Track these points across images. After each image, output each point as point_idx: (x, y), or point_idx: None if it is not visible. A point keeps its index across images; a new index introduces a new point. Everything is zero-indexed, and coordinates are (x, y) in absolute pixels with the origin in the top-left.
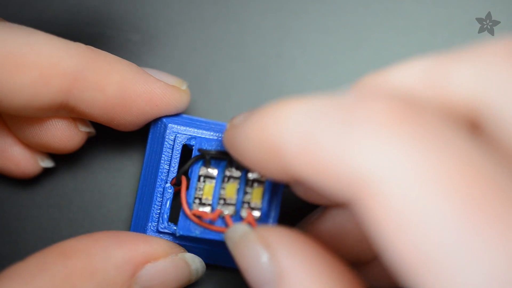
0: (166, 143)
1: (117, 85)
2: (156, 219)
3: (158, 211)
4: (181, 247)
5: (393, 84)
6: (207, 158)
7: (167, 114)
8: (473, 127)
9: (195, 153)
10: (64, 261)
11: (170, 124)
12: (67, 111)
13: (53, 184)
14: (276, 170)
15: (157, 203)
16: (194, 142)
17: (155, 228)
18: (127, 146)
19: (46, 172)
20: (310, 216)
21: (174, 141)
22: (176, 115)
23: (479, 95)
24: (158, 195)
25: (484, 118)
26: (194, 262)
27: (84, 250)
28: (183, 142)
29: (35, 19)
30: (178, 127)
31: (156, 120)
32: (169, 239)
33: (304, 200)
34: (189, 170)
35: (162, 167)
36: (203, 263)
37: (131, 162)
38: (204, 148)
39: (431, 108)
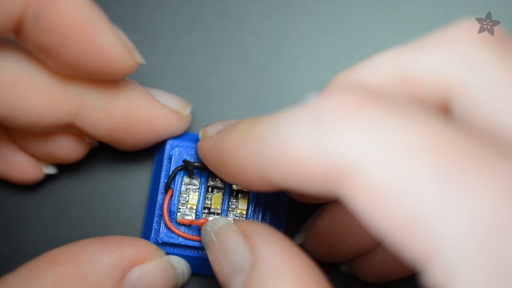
0: (165, 157)
1: (123, 110)
2: (156, 231)
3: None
4: (164, 252)
5: (361, 79)
6: (190, 169)
7: (166, 138)
8: (444, 112)
9: (175, 161)
10: (54, 268)
11: (169, 140)
12: (72, 129)
13: (54, 184)
14: (256, 181)
15: (156, 215)
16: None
17: (155, 239)
18: None
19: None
20: (311, 218)
21: (172, 155)
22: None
23: (446, 77)
24: (158, 207)
25: (453, 100)
26: (180, 265)
27: (73, 257)
28: (182, 157)
29: None
30: (178, 142)
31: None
32: (169, 251)
33: (301, 202)
34: (173, 180)
35: (162, 181)
36: (189, 266)
37: (132, 163)
38: (185, 157)
39: (390, 93)
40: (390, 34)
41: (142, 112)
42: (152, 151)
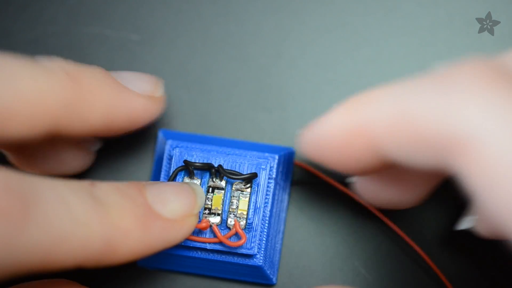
0: (165, 157)
1: (102, 113)
2: None
3: None
4: None
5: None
6: (190, 169)
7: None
8: None
9: (176, 162)
10: None
11: (169, 140)
12: (58, 136)
13: None
14: (363, 156)
15: None
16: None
17: None
18: (129, 149)
19: None
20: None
21: (172, 155)
22: (177, 131)
23: None
24: None
25: None
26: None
27: None
28: (183, 158)
29: (35, 19)
30: (178, 142)
31: (158, 135)
32: (169, 251)
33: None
34: (173, 181)
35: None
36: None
37: (132, 163)
38: (185, 157)
39: None
40: (390, 34)
41: (119, 109)
42: (152, 151)
